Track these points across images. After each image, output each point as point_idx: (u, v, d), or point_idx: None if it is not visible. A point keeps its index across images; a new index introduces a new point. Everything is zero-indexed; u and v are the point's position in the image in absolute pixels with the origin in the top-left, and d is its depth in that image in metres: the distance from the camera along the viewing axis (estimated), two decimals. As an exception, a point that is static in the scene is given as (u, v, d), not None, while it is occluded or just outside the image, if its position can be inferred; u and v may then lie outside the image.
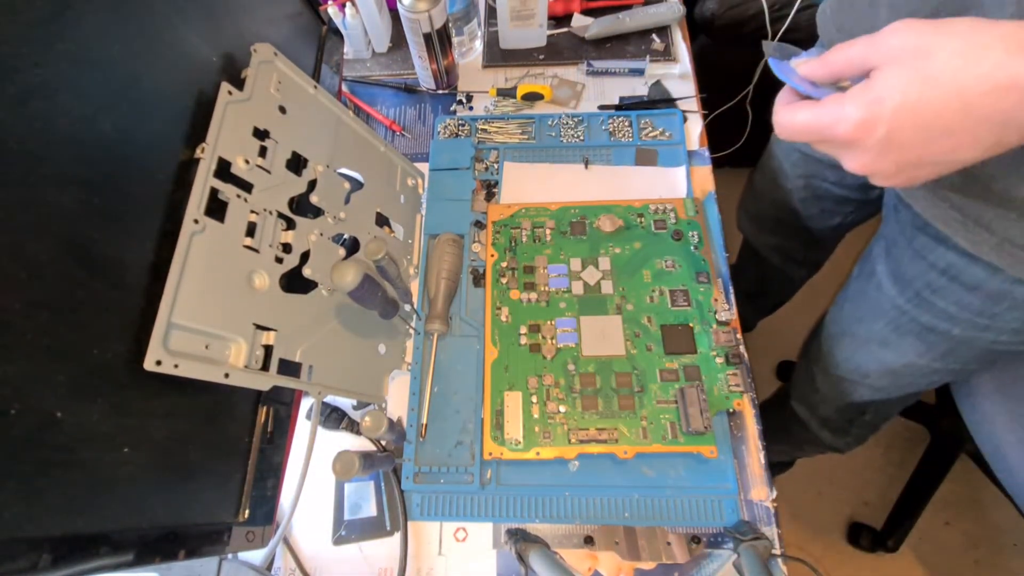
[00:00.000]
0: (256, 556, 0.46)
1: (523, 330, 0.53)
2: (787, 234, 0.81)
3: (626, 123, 0.66)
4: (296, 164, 0.45)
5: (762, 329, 1.21)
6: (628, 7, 0.73)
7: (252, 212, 0.40)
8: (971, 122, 0.27)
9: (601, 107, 0.68)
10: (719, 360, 0.51)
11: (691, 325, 0.52)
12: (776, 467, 1.00)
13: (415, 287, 0.58)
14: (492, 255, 0.57)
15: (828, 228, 0.74)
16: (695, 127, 0.66)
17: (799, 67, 0.33)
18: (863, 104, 0.29)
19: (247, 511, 0.40)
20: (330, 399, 0.54)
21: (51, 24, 0.29)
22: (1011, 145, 0.28)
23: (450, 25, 0.64)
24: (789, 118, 0.33)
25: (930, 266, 0.47)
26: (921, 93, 0.28)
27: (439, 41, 0.62)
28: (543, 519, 0.48)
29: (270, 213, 0.41)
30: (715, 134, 0.70)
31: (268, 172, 0.42)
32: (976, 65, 0.26)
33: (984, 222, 0.39)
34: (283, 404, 0.45)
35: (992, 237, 0.40)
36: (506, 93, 0.68)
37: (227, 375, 0.35)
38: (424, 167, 0.64)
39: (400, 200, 0.59)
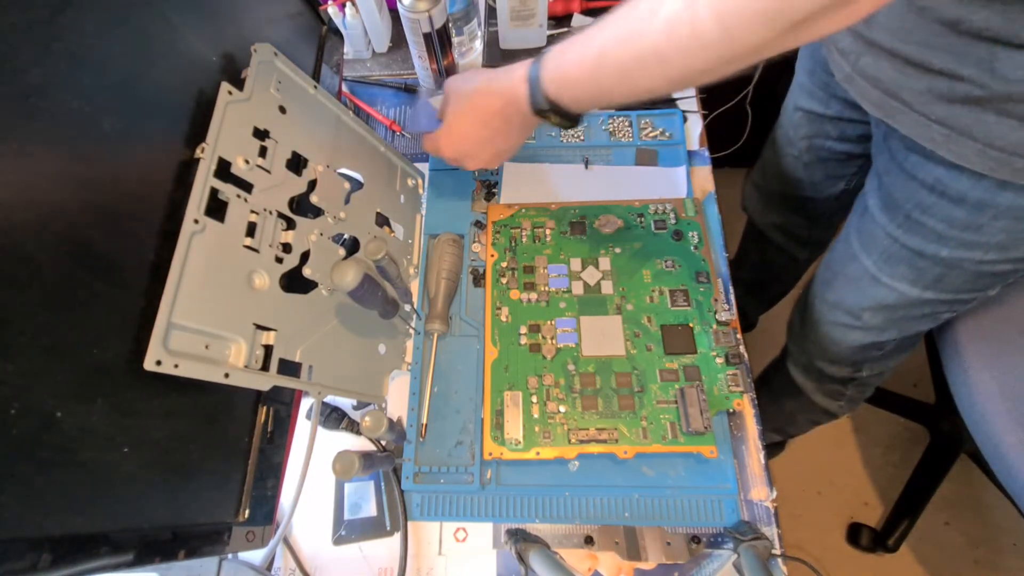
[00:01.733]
0: (256, 556, 0.46)
1: (523, 330, 0.53)
2: (791, 209, 0.82)
3: (626, 123, 0.66)
4: (296, 164, 0.45)
5: (762, 329, 1.21)
6: (628, 7, 0.72)
7: (252, 212, 0.40)
8: (500, 123, 0.48)
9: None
10: (719, 360, 0.51)
11: (691, 325, 0.52)
12: (769, 449, 1.00)
13: (415, 287, 0.58)
14: (492, 255, 0.57)
15: (831, 198, 0.75)
16: (695, 127, 0.66)
17: (435, 101, 0.54)
18: (441, 134, 0.51)
19: (247, 511, 0.40)
20: (330, 399, 0.54)
21: (51, 24, 0.29)
22: (526, 126, 0.48)
23: (450, 25, 0.64)
24: (424, 143, 0.54)
25: (919, 185, 0.50)
26: (463, 116, 0.49)
27: (439, 41, 0.62)
28: (543, 519, 0.48)
29: (270, 213, 0.41)
30: (715, 134, 0.70)
31: (268, 172, 0.42)
32: (487, 93, 0.47)
33: (965, 129, 0.42)
34: (283, 404, 0.45)
35: (975, 144, 0.42)
36: (506, 93, 0.68)
37: (227, 375, 0.35)
38: (424, 167, 0.64)
39: (400, 200, 0.59)
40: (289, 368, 0.41)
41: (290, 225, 0.44)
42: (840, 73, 0.53)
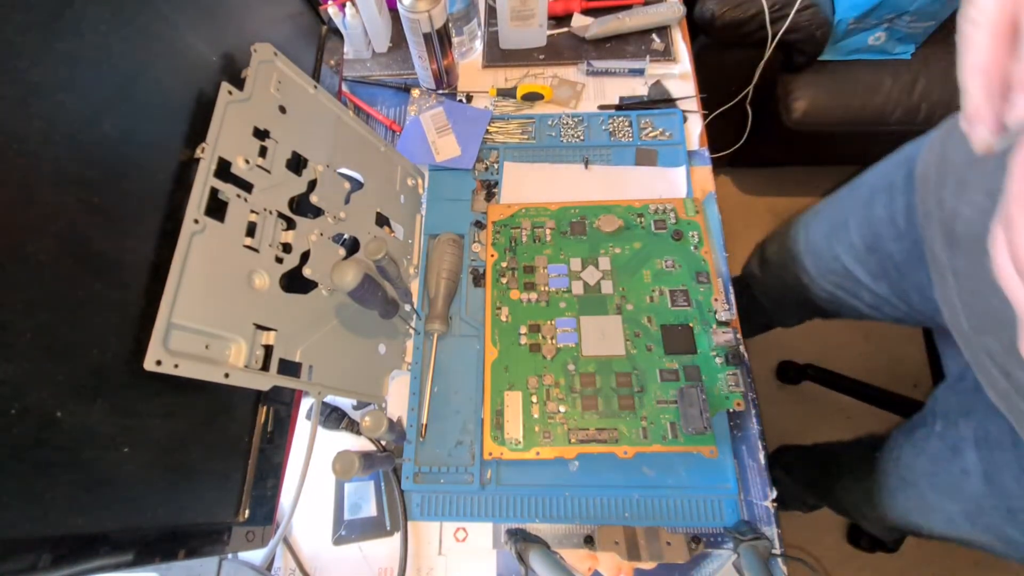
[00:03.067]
0: (256, 556, 0.46)
1: (523, 330, 0.53)
2: (795, 308, 0.74)
3: (626, 123, 0.66)
4: (296, 164, 0.45)
5: (762, 329, 1.21)
6: (628, 7, 0.73)
7: (252, 212, 0.40)
8: None
9: (601, 107, 0.68)
10: (719, 360, 0.51)
11: (691, 325, 0.52)
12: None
13: (415, 287, 0.58)
14: (492, 255, 0.57)
15: (839, 315, 0.68)
16: (695, 127, 0.66)
17: None
18: None
19: (247, 511, 0.40)
20: (330, 399, 0.54)
21: (51, 24, 0.29)
22: None
23: (450, 25, 0.64)
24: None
25: None
26: None
27: (439, 41, 0.62)
28: (543, 519, 0.48)
29: (270, 213, 0.41)
30: (715, 134, 0.70)
31: (268, 172, 0.42)
32: None
33: None
34: (283, 404, 0.45)
35: None
36: (506, 93, 0.68)
37: (227, 375, 0.35)
38: (424, 167, 0.64)
39: (400, 200, 0.59)
40: (289, 368, 0.41)
41: (290, 225, 0.44)
42: (959, 332, 0.43)
